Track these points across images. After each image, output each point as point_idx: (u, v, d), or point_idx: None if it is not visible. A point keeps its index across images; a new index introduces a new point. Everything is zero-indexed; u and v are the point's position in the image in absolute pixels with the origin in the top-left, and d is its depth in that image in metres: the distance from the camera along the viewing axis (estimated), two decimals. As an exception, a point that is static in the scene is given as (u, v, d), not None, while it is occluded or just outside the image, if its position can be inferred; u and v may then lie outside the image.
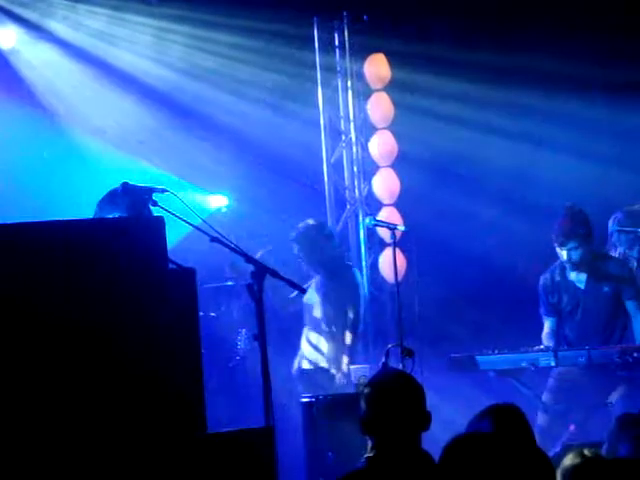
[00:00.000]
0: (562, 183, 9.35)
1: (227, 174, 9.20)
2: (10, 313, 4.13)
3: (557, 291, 8.00)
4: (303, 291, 5.89)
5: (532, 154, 9.70)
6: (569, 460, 4.05)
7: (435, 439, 4.51)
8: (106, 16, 9.16)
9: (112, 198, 6.10)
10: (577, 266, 7.87)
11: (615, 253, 8.28)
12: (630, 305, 7.87)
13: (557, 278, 8.00)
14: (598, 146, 9.67)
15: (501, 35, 9.46)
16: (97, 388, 4.21)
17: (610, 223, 8.37)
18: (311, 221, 8.61)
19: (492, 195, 9.63)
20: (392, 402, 4.05)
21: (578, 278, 7.94)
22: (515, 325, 8.69)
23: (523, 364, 7.70)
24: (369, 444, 4.10)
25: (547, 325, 8.02)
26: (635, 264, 8.25)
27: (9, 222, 4.40)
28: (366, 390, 4.16)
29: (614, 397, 7.59)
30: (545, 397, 7.80)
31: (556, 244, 7.87)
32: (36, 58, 9.16)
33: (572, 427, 7.52)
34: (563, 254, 7.84)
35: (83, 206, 6.94)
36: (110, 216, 5.98)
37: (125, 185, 5.85)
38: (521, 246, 9.26)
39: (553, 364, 7.67)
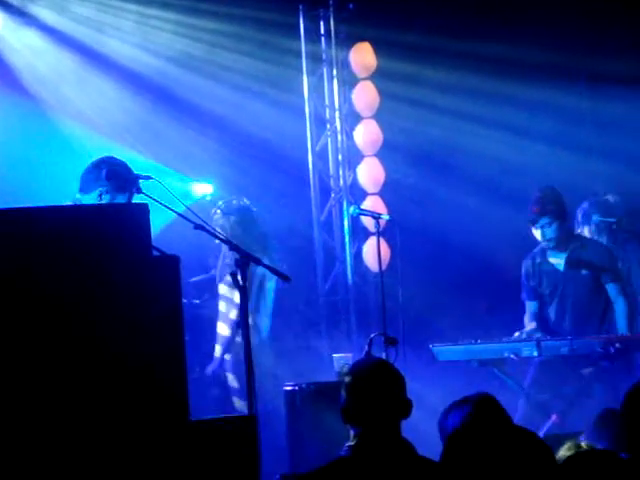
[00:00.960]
0: (546, 172, 9.37)
1: (211, 162, 9.19)
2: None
3: (537, 274, 8.03)
4: (286, 279, 5.88)
5: (516, 143, 9.71)
6: (563, 451, 4.07)
7: (418, 428, 4.53)
8: (92, 2, 9.12)
9: (96, 177, 6.10)
10: (555, 245, 7.88)
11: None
12: (611, 288, 7.89)
13: (537, 260, 8.04)
14: (581, 136, 9.70)
15: (486, 24, 9.47)
16: (78, 373, 4.20)
17: (579, 214, 8.42)
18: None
19: (476, 184, 9.65)
20: (371, 390, 4.07)
21: (557, 261, 7.98)
22: (499, 314, 8.71)
23: (505, 354, 7.73)
24: (351, 432, 4.12)
25: (528, 309, 8.06)
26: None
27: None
28: (346, 379, 4.18)
29: (588, 373, 7.61)
30: (527, 386, 7.83)
31: (530, 224, 7.91)
32: (21, 43, 9.11)
33: (554, 417, 7.54)
34: (537, 234, 7.88)
35: (67, 192, 6.92)
36: (94, 192, 5.98)
37: (109, 171, 5.83)
38: (505, 235, 9.27)
39: (535, 354, 7.70)
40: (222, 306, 8.14)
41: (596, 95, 9.72)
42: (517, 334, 7.82)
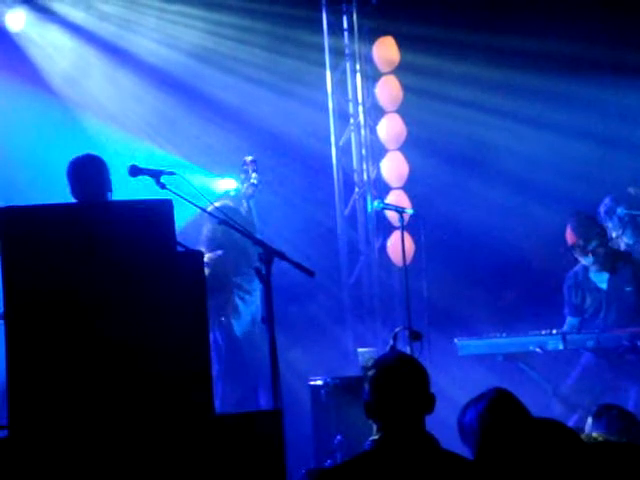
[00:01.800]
0: (569, 166, 9.33)
1: (234, 157, 9.18)
2: (34, 293, 4.16)
3: (581, 291, 7.98)
4: (312, 274, 5.88)
5: (540, 136, 9.67)
6: None
7: (443, 422, 4.53)
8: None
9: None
10: (602, 265, 7.85)
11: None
12: None
13: (580, 278, 7.99)
14: (605, 128, 9.64)
15: (509, 17, 9.43)
16: (105, 368, 4.22)
17: (602, 209, 8.38)
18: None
19: (501, 178, 9.61)
20: (395, 385, 4.05)
21: (600, 279, 7.93)
22: (524, 308, 8.69)
23: (531, 347, 7.70)
24: (374, 427, 4.11)
25: (569, 323, 7.98)
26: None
27: (26, 204, 4.42)
28: (370, 373, 4.17)
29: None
30: (565, 388, 7.78)
31: (577, 251, 7.86)
32: (44, 40, 9.14)
33: (580, 411, 7.51)
34: (587, 259, 7.85)
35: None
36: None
37: (133, 167, 5.85)
38: (530, 229, 9.25)
39: (561, 347, 7.68)
40: None
41: (621, 86, 9.65)
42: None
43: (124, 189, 6.37)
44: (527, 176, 9.55)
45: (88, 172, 6.39)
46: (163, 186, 5.73)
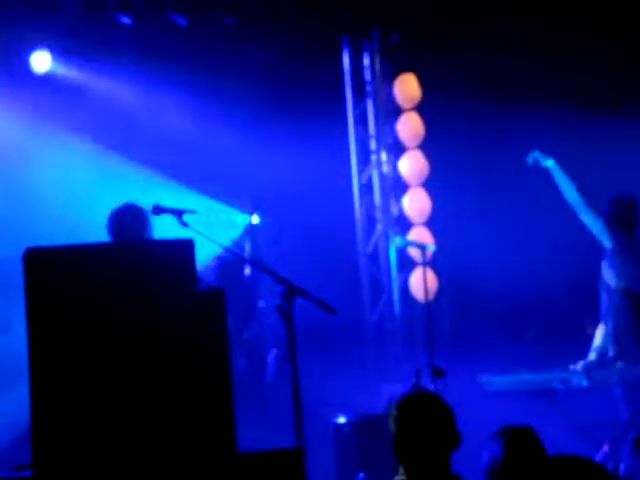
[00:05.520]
0: (592, 200, 9.27)
1: (258, 196, 9.22)
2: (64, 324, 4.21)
3: None
4: (333, 312, 5.88)
5: (566, 167, 9.60)
6: None
7: (466, 460, 4.50)
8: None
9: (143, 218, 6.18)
10: None
11: None
12: None
13: None
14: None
15: (533, 52, 9.45)
16: (129, 409, 4.24)
17: None
18: None
19: (525, 214, 9.59)
20: (421, 425, 4.03)
21: None
22: (548, 346, 8.65)
23: (555, 384, 7.67)
24: (401, 467, 4.08)
25: None
26: None
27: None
28: (394, 412, 4.15)
29: None
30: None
31: None
32: (69, 80, 9.19)
33: (606, 447, 7.46)
34: None
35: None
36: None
37: (156, 207, 5.89)
38: (556, 266, 9.22)
39: (585, 384, 7.64)
40: None
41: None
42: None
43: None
44: (554, 218, 9.45)
45: (126, 221, 6.28)
46: (185, 224, 5.77)
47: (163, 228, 6.07)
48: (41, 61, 9.00)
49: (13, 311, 7.87)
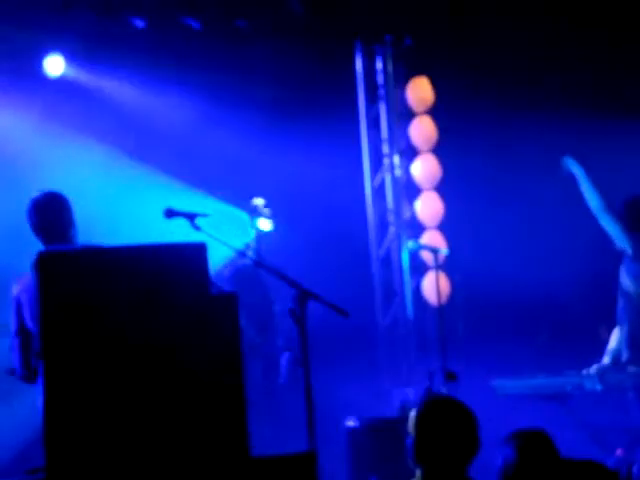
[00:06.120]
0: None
1: (267, 199, 9.19)
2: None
3: None
4: (346, 315, 5.88)
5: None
6: None
7: (480, 465, 4.49)
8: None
9: None
10: None
11: None
12: None
13: None
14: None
15: (545, 55, 9.44)
16: (142, 413, 4.25)
17: None
18: None
19: (538, 218, 9.58)
20: (445, 429, 3.97)
21: None
22: (562, 350, 8.62)
23: (568, 388, 7.65)
24: (417, 472, 4.04)
25: None
26: None
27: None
28: (415, 416, 4.08)
29: None
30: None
31: None
32: (82, 83, 9.21)
33: (620, 451, 7.45)
34: None
35: (127, 230, 6.99)
36: None
37: (169, 210, 5.90)
38: (567, 269, 9.19)
39: (598, 388, 7.62)
40: None
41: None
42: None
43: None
44: (568, 217, 9.45)
45: (49, 210, 6.18)
46: (198, 228, 5.77)
47: (176, 232, 6.09)
48: (54, 65, 9.02)
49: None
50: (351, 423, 7.35)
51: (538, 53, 9.44)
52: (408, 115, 10.04)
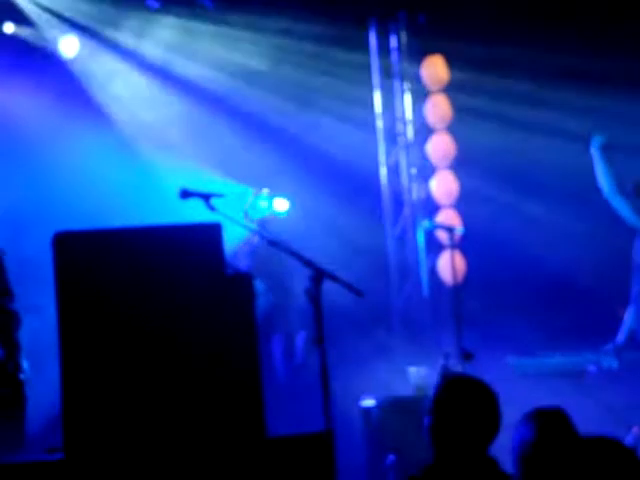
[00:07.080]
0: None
1: (283, 179, 9.20)
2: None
3: None
4: (361, 294, 5.87)
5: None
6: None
7: (496, 443, 4.49)
8: (170, 26, 9.23)
9: None
10: None
11: None
12: None
13: None
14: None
15: (560, 35, 9.38)
16: (159, 393, 4.26)
17: None
18: None
19: (554, 196, 9.54)
20: (467, 410, 3.94)
21: None
22: (579, 328, 8.60)
23: (585, 366, 7.64)
24: (435, 449, 4.02)
25: None
26: None
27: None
28: (434, 397, 4.04)
29: None
30: None
31: None
32: (98, 67, 9.22)
33: (636, 429, 7.44)
34: None
35: (146, 212, 7.00)
36: None
37: (184, 191, 5.89)
38: (586, 248, 9.16)
39: (615, 365, 7.61)
40: None
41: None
42: None
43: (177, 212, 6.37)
44: (583, 196, 9.42)
45: None
46: (213, 209, 5.77)
47: (191, 212, 6.09)
48: (69, 46, 9.03)
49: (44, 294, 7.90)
50: (367, 402, 7.37)
51: (558, 29, 9.37)
52: (423, 93, 10.00)
